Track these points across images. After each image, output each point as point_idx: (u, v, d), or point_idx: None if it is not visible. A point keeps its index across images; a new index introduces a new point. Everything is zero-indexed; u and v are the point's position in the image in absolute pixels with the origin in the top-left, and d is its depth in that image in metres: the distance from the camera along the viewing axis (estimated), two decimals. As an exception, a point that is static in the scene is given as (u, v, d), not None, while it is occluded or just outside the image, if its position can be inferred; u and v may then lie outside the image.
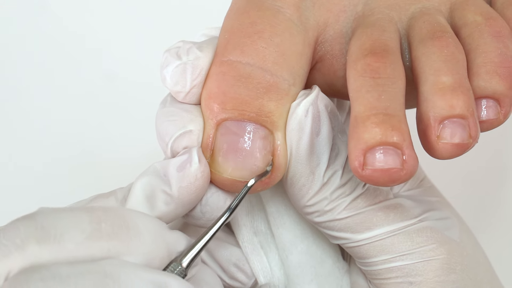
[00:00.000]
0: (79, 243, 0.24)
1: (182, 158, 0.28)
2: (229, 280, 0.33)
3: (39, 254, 0.23)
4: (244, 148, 0.28)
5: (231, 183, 0.29)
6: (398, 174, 0.26)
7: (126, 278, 0.23)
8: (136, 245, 0.25)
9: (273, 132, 0.29)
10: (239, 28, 0.30)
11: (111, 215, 0.25)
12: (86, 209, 0.25)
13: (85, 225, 0.24)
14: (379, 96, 0.26)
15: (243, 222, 0.33)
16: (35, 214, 0.24)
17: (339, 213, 0.30)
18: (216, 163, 0.29)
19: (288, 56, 0.29)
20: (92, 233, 0.24)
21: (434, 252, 0.30)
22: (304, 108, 0.29)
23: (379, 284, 0.31)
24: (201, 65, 0.29)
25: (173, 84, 0.29)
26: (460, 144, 0.26)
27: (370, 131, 0.26)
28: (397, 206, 0.30)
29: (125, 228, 0.25)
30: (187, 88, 0.30)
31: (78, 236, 0.24)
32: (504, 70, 0.28)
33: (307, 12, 0.30)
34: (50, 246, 0.23)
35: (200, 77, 0.30)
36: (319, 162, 0.30)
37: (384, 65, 0.27)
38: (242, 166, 0.28)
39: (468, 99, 0.27)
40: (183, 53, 0.30)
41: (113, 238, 0.24)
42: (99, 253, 0.24)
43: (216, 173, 0.29)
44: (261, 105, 0.29)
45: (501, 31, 0.29)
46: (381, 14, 0.30)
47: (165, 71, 0.30)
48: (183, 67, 0.29)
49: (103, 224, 0.24)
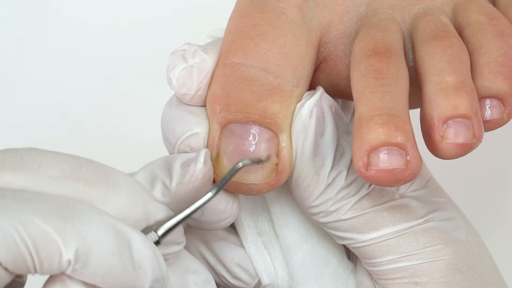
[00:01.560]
0: (54, 178, 0.23)
1: (189, 155, 0.28)
2: (233, 280, 0.33)
3: (11, 181, 0.23)
4: (249, 151, 0.28)
5: (236, 185, 0.29)
6: (402, 175, 0.26)
7: (86, 215, 0.22)
8: (112, 197, 0.24)
9: (278, 134, 0.29)
10: (242, 30, 0.30)
11: (94, 165, 0.24)
12: (72, 155, 0.24)
13: (65, 165, 0.24)
14: (382, 97, 0.26)
15: (246, 223, 0.33)
16: (21, 148, 0.24)
17: (344, 214, 0.30)
18: (221, 165, 0.29)
19: (291, 57, 0.29)
20: (70, 174, 0.24)
21: (440, 252, 0.30)
22: (308, 109, 0.29)
23: (385, 284, 0.31)
24: (207, 68, 0.30)
25: (179, 87, 0.30)
26: (464, 144, 0.26)
27: (374, 131, 0.26)
28: (403, 206, 0.30)
29: (105, 179, 0.24)
30: (193, 91, 0.30)
31: (54, 172, 0.23)
32: (508, 69, 0.28)
33: (310, 13, 0.30)
34: (24, 175, 0.23)
35: (206, 80, 0.30)
36: (323, 162, 0.30)
37: (387, 66, 0.27)
38: (247, 168, 0.28)
39: (472, 99, 0.27)
40: (189, 56, 0.30)
41: (90, 185, 0.24)
42: (72, 195, 0.23)
43: (221, 175, 0.29)
44: (265, 107, 0.29)
45: (504, 31, 0.29)
46: (384, 15, 0.30)
47: (171, 74, 0.30)
48: (189, 69, 0.30)
49: (84, 169, 0.24)
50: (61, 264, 0.22)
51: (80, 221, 0.22)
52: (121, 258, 0.22)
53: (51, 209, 0.22)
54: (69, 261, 0.22)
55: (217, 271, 0.33)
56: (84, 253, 0.22)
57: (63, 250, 0.21)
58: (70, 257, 0.21)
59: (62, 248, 0.21)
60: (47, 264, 0.21)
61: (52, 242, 0.21)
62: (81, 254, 0.22)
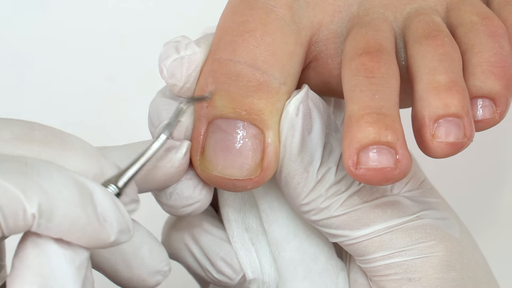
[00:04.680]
0: (6, 140, 0.23)
1: (175, 143, 0.29)
2: (217, 274, 0.33)
3: None
4: (234, 146, 0.29)
5: (220, 180, 0.29)
6: (392, 173, 0.26)
7: (46, 170, 0.22)
8: (68, 155, 0.24)
9: (264, 131, 0.29)
10: (232, 26, 0.30)
11: (47, 128, 0.24)
12: (24, 120, 0.24)
13: (17, 128, 0.24)
14: (373, 96, 0.26)
15: (234, 218, 0.33)
16: None
17: (335, 210, 0.30)
18: (206, 160, 0.29)
19: (279, 55, 0.29)
20: (23, 135, 0.23)
21: (434, 248, 0.30)
22: (295, 106, 0.29)
23: (378, 281, 0.31)
24: (197, 60, 0.30)
25: (169, 77, 0.30)
26: (455, 143, 0.26)
27: (363, 130, 0.26)
28: (395, 203, 0.31)
29: (59, 139, 0.24)
30: (182, 82, 0.30)
31: (6, 135, 0.23)
32: (500, 69, 0.28)
33: (300, 12, 0.30)
34: None
35: (195, 73, 0.30)
36: (312, 159, 0.30)
37: (378, 65, 0.27)
38: (232, 164, 0.29)
39: (463, 98, 0.27)
40: (182, 47, 0.30)
41: (45, 145, 0.24)
42: (29, 155, 0.23)
43: (206, 171, 0.29)
44: (251, 103, 0.29)
45: (496, 31, 0.29)
46: (376, 14, 0.30)
47: (162, 64, 0.30)
48: (180, 61, 0.30)
49: (37, 131, 0.24)
50: (26, 220, 0.21)
51: (40, 176, 0.22)
52: (84, 210, 0.22)
53: (10, 167, 0.22)
54: (33, 216, 0.21)
55: (202, 265, 0.33)
56: (48, 206, 0.21)
57: (26, 205, 0.21)
58: (34, 211, 0.21)
59: (25, 203, 0.21)
60: (12, 221, 0.21)
61: (15, 199, 0.21)
62: (45, 208, 0.21)
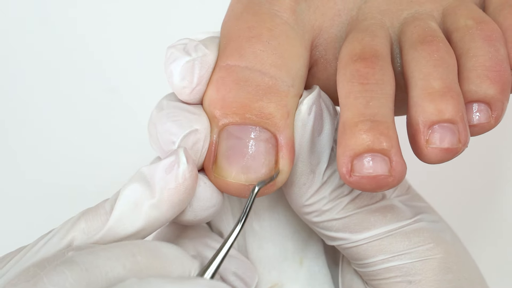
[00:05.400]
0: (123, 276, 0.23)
1: (169, 160, 0.27)
2: None
3: None
4: (248, 152, 0.28)
5: (235, 186, 0.29)
6: (386, 181, 0.26)
7: None
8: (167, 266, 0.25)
9: (276, 135, 0.29)
10: (237, 33, 0.30)
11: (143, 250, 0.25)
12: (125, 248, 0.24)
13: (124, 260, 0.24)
14: (367, 103, 0.27)
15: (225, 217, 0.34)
16: (72, 258, 0.23)
17: (337, 213, 0.30)
18: (220, 167, 0.29)
19: (286, 58, 0.29)
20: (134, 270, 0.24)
21: (432, 251, 0.30)
22: (307, 106, 0.29)
23: (377, 284, 0.31)
24: (209, 62, 0.29)
25: (181, 79, 0.29)
26: (449, 149, 0.26)
27: (357, 138, 0.26)
28: (393, 207, 0.31)
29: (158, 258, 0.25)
30: (194, 84, 0.29)
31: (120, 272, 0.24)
32: (495, 74, 0.28)
33: (302, 15, 0.31)
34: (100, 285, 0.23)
35: (207, 74, 0.29)
36: (319, 160, 0.30)
37: (373, 71, 0.27)
38: (246, 169, 0.28)
39: (458, 104, 0.27)
40: (191, 50, 0.29)
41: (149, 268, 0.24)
42: None
43: (220, 178, 0.29)
44: (261, 108, 0.29)
45: (492, 35, 0.29)
46: (373, 20, 0.30)
47: (172, 66, 0.29)
48: (192, 63, 0.29)
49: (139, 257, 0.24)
50: None
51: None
52: None
53: None
54: None
55: None
56: None
57: None
58: None
59: None
60: None
61: None
62: None
